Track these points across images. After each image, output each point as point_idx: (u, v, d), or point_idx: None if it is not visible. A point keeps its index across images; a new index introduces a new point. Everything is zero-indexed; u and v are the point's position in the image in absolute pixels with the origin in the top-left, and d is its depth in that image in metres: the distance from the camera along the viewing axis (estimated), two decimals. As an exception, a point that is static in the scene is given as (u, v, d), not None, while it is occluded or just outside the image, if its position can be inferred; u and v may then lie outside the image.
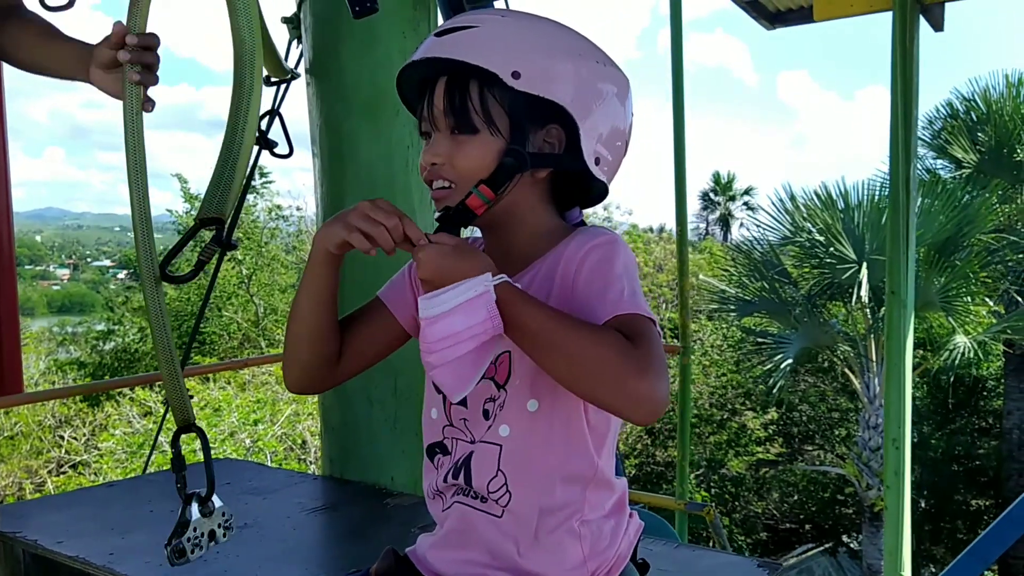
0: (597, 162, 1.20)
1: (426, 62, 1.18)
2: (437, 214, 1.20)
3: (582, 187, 1.27)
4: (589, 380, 1.03)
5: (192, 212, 15.69)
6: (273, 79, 2.86)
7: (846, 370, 12.32)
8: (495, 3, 3.09)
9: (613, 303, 1.09)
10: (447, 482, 1.24)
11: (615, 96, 1.22)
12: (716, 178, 39.27)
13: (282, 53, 2.87)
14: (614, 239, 1.17)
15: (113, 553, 1.96)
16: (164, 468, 4.17)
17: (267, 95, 2.81)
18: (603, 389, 1.03)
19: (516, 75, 1.13)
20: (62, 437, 12.06)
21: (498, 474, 1.19)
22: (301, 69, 2.81)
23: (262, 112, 2.85)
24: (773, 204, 12.26)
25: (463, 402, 1.22)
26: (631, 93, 1.26)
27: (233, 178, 2.03)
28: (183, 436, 1.40)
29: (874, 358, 11.54)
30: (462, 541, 1.24)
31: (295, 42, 2.85)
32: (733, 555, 1.88)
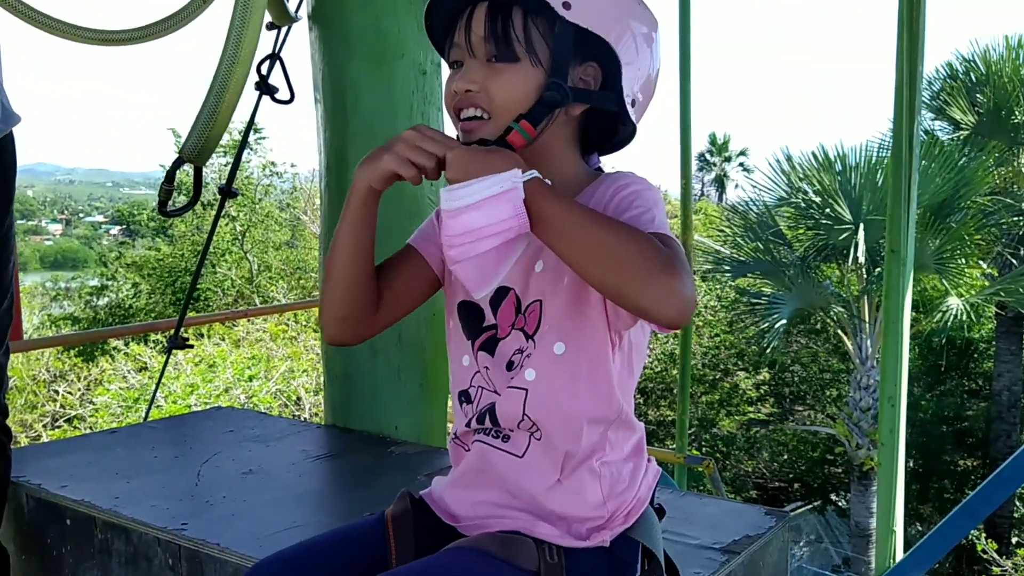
0: (632, 104, 1.18)
1: None
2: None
3: (609, 131, 1.25)
4: (620, 272, 0.99)
5: (185, 168, 15.52)
6: (276, 24, 2.80)
7: (839, 331, 12.37)
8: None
9: (644, 224, 1.07)
10: (470, 427, 1.24)
11: (650, 38, 1.20)
12: (712, 139, 39.14)
13: (283, -3, 2.81)
14: (645, 181, 1.15)
15: (118, 497, 1.95)
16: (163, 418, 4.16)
17: (268, 39, 2.75)
18: (634, 282, 0.99)
19: (567, 5, 1.10)
20: (57, 391, 12.04)
21: (524, 419, 1.18)
22: (303, 13, 2.75)
23: (263, 56, 2.80)
24: (770, 165, 12.24)
25: (491, 351, 1.21)
26: (659, 37, 1.23)
27: (216, 113, 2.02)
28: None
29: (867, 319, 11.59)
30: (480, 481, 1.23)
31: (297, -15, 2.78)
32: (740, 503, 1.88)
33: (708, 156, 39.44)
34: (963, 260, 11.27)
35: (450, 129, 1.24)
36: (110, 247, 20.53)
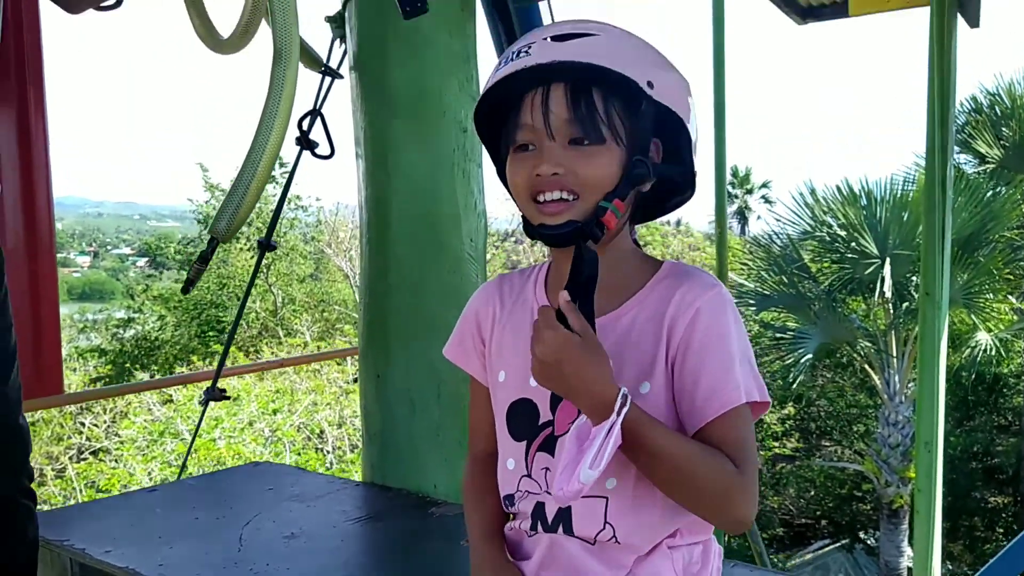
0: (694, 173, 1.20)
1: (536, 68, 1.09)
2: (550, 228, 1.11)
3: (661, 202, 1.24)
4: (700, 506, 1.11)
5: (212, 203, 15.71)
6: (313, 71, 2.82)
7: (865, 366, 12.23)
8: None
9: (722, 394, 1.10)
10: (536, 531, 1.21)
11: (693, 108, 1.21)
12: (734, 171, 39.15)
13: (324, 52, 2.84)
14: (721, 290, 1.14)
15: (163, 564, 1.94)
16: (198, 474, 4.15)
17: (310, 93, 2.77)
18: (710, 514, 1.12)
19: (651, 84, 1.10)
20: (83, 424, 12.11)
21: (606, 527, 1.16)
22: (345, 69, 2.77)
23: (304, 113, 2.81)
24: (793, 198, 12.20)
25: (550, 450, 1.18)
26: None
27: (246, 195, 2.04)
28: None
29: (895, 354, 11.46)
30: (548, 564, 1.21)
31: (338, 41, 2.81)
32: (793, 576, 1.85)
33: (730, 188, 39.44)
34: (992, 294, 11.16)
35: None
36: (137, 279, 20.76)
